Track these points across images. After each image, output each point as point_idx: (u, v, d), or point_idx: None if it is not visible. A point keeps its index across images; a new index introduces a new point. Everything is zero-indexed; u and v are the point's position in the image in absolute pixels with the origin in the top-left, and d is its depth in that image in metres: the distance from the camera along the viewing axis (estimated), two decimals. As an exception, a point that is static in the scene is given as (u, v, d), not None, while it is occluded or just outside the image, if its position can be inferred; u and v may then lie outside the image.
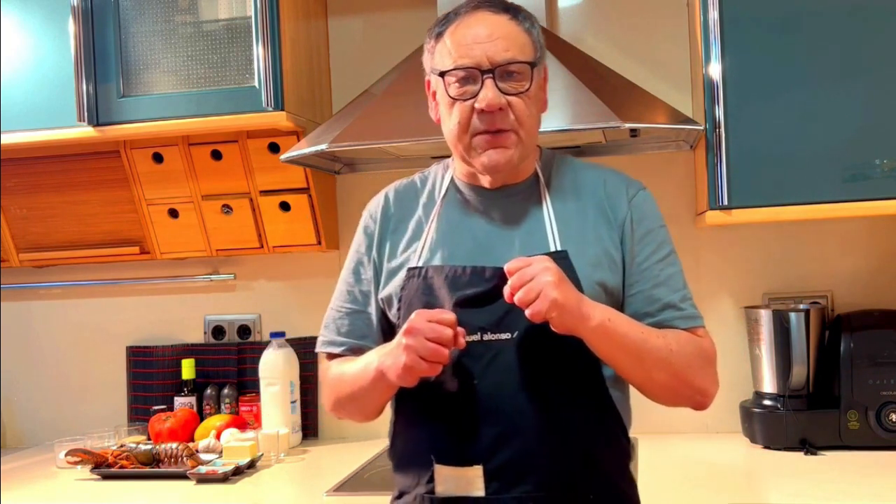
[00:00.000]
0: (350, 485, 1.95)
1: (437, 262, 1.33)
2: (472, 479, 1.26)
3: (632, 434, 1.38)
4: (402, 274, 1.35)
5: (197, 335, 2.59)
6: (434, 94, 1.38)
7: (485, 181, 1.36)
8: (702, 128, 1.91)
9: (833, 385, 2.03)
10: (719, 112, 1.87)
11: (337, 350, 1.42)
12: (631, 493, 1.37)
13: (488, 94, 1.26)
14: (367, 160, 2.41)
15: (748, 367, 2.17)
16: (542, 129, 1.81)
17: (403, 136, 1.94)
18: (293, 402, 2.35)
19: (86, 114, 2.18)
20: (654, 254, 1.34)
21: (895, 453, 1.94)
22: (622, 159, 2.29)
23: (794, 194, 1.86)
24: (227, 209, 2.36)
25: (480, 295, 1.28)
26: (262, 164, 2.29)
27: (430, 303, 1.30)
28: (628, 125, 1.81)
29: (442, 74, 1.30)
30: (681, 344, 1.27)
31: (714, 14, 1.86)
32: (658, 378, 1.26)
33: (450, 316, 1.19)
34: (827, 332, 2.10)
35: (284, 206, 2.33)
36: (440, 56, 1.32)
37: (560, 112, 1.87)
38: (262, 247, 2.39)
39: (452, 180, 1.42)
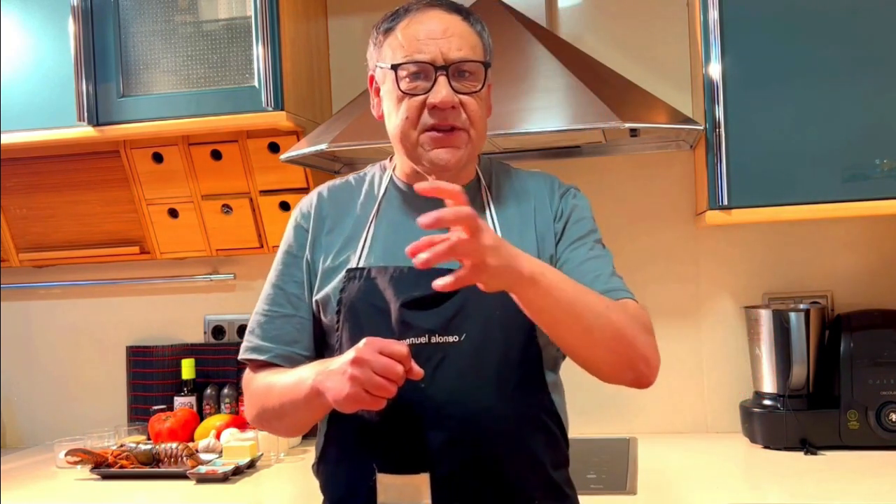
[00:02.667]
0: (350, 485, 1.94)
1: (377, 262, 1.30)
2: (418, 487, 1.21)
3: (631, 434, 1.38)
4: (341, 275, 1.31)
5: (197, 335, 2.59)
6: (377, 90, 1.35)
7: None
8: (702, 128, 1.91)
9: (833, 385, 2.03)
10: (719, 112, 1.87)
11: (263, 357, 1.34)
12: (571, 493, 1.34)
13: (441, 90, 1.24)
14: (367, 160, 2.41)
15: (748, 367, 2.17)
16: (542, 129, 1.84)
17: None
18: (293, 401, 2.35)
19: (85, 113, 2.18)
20: (584, 238, 1.33)
21: (895, 453, 1.94)
22: (622, 159, 2.30)
23: (794, 194, 1.86)
24: (226, 209, 2.36)
25: (428, 297, 1.23)
26: (261, 164, 2.29)
27: (376, 304, 1.27)
28: (628, 125, 1.81)
29: (394, 68, 1.26)
30: (616, 305, 1.21)
31: (714, 14, 1.86)
32: (601, 338, 1.16)
33: (402, 349, 1.11)
34: (827, 332, 2.10)
35: (284, 206, 2.33)
36: (390, 50, 1.29)
37: (560, 112, 1.87)
38: (262, 247, 2.39)
39: (392, 180, 1.39)
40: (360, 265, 1.30)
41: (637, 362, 1.20)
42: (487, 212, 1.33)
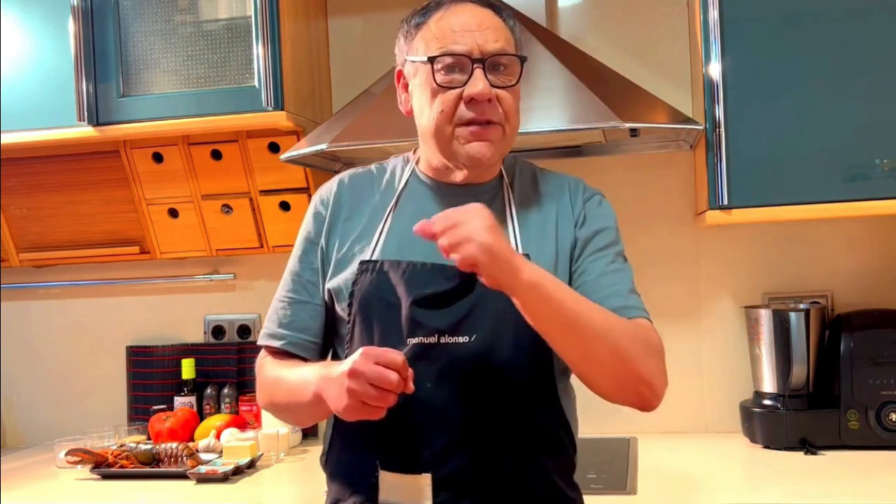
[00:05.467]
0: (350, 485, 1.94)
1: (392, 256, 1.27)
2: (420, 488, 1.20)
3: (631, 434, 1.38)
4: (354, 266, 1.29)
5: (197, 335, 2.59)
6: (405, 85, 1.33)
7: (458, 176, 1.31)
8: (702, 128, 1.91)
9: (833, 385, 2.03)
10: (719, 112, 1.87)
11: (277, 344, 1.33)
12: (578, 500, 1.33)
13: (479, 83, 1.22)
14: (367, 160, 2.40)
15: (748, 367, 2.17)
16: (542, 129, 1.84)
17: (403, 136, 1.94)
18: (293, 401, 2.35)
19: (86, 113, 2.18)
20: (604, 250, 1.30)
21: (895, 453, 1.94)
22: (622, 159, 2.30)
23: (794, 194, 1.86)
24: (226, 209, 2.36)
25: (440, 295, 1.23)
26: (261, 164, 2.29)
27: (387, 299, 1.25)
28: (628, 125, 1.81)
29: (430, 60, 1.24)
30: (623, 324, 1.19)
31: (714, 14, 1.86)
32: (599, 355, 1.15)
33: (398, 358, 1.09)
34: (827, 332, 2.10)
35: (284, 206, 2.33)
36: (423, 43, 1.27)
37: (560, 112, 1.87)
38: (262, 246, 2.39)
39: (414, 173, 1.37)
40: (374, 258, 1.28)
41: (638, 386, 1.19)
42: (508, 213, 1.31)
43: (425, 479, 1.20)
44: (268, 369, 1.34)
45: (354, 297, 1.28)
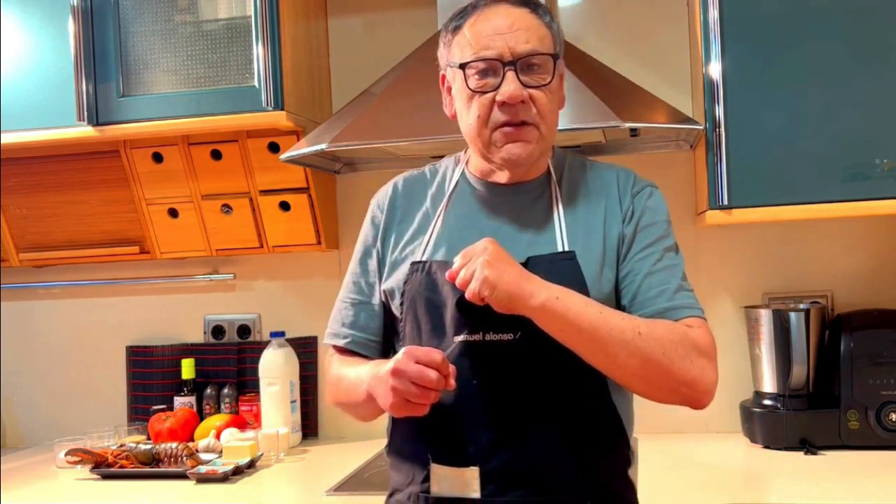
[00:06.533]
0: (350, 484, 1.95)
1: (441, 257, 1.31)
2: (468, 481, 1.24)
3: (632, 434, 1.37)
4: (406, 267, 1.33)
5: (197, 335, 2.59)
6: (449, 88, 1.36)
7: (501, 177, 1.35)
8: (702, 127, 1.91)
9: (833, 385, 2.03)
10: (719, 112, 1.87)
11: (341, 342, 1.40)
12: (630, 497, 1.34)
13: (510, 86, 1.25)
14: (367, 160, 2.41)
15: (748, 366, 2.17)
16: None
17: (403, 136, 1.94)
18: (293, 401, 2.35)
19: (85, 113, 2.18)
20: (652, 245, 1.30)
21: (895, 453, 1.94)
22: (622, 159, 2.29)
23: (794, 194, 1.86)
24: (226, 209, 2.36)
25: None
26: (261, 164, 2.29)
27: (434, 299, 1.29)
28: (628, 125, 1.81)
29: (462, 67, 1.27)
30: (655, 328, 1.20)
31: (714, 14, 1.86)
32: (628, 364, 1.18)
33: (438, 357, 1.16)
34: (827, 331, 2.10)
35: (284, 206, 2.33)
36: (459, 49, 1.30)
37: (560, 112, 1.86)
38: (261, 246, 2.39)
39: (464, 174, 1.40)
40: (424, 258, 1.32)
41: (679, 388, 1.21)
42: (555, 210, 1.33)
43: (473, 473, 1.24)
44: (333, 368, 1.41)
45: (405, 296, 1.33)
